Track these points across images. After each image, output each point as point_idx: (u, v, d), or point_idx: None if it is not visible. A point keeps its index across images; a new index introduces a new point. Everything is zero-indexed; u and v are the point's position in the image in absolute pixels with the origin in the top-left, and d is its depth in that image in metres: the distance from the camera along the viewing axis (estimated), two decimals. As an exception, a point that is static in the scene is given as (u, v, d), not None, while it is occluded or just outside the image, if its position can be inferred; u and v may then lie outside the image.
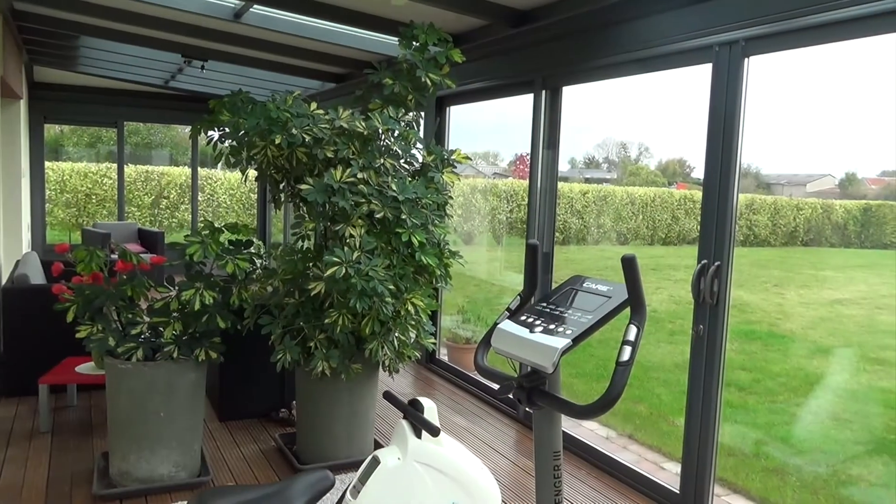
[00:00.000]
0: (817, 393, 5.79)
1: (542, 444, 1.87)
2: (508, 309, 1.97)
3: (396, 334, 3.55)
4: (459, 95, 5.38)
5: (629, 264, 1.68)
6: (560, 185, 12.40)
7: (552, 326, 1.75)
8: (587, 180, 16.58)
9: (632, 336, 1.64)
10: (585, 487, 3.68)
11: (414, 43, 3.72)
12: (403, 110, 3.65)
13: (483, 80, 4.95)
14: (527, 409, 1.83)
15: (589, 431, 4.69)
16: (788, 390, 5.81)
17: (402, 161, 3.62)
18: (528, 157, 4.62)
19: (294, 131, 3.31)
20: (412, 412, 2.50)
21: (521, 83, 4.63)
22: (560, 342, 1.68)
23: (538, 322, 1.79)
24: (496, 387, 1.90)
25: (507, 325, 1.83)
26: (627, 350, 1.62)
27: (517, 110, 4.58)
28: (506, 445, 4.20)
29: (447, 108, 5.56)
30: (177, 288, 3.39)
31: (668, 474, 3.98)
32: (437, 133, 5.53)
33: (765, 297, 8.67)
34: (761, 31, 3.13)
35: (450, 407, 4.82)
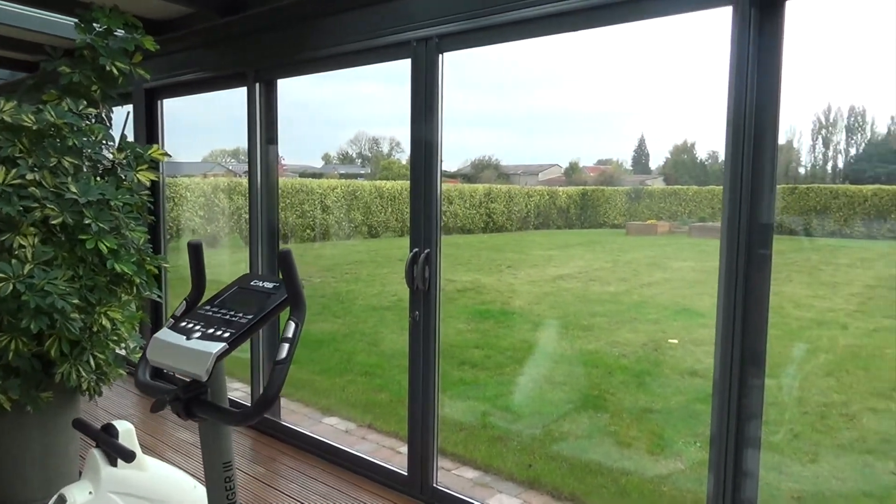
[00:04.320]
0: (537, 361, 6.42)
1: (210, 455, 1.76)
2: (174, 316, 1.82)
3: (94, 353, 3.18)
4: (172, 88, 4.99)
5: (284, 259, 1.62)
6: (309, 181, 12.19)
7: (211, 330, 1.64)
8: (342, 176, 16.63)
9: (290, 333, 1.59)
10: (319, 485, 3.64)
11: (95, 27, 3.34)
12: (86, 102, 3.26)
13: (195, 72, 4.64)
14: (191, 420, 1.70)
15: (329, 427, 4.68)
16: (514, 362, 6.37)
17: (89, 160, 3.24)
18: (280, 154, 4.47)
19: (-64, 126, 2.78)
20: (105, 438, 2.27)
21: (233, 75, 4.41)
22: (215, 346, 1.57)
23: (197, 327, 1.67)
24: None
25: (164, 334, 1.69)
26: (285, 347, 1.57)
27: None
28: (238, 456, 4.00)
29: (159, 102, 5.13)
30: None
31: (402, 458, 4.09)
32: (149, 128, 5.08)
33: (499, 278, 9.43)
34: (452, 29, 3.30)
35: (178, 423, 4.48)
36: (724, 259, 2.65)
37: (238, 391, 5.05)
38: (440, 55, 3.38)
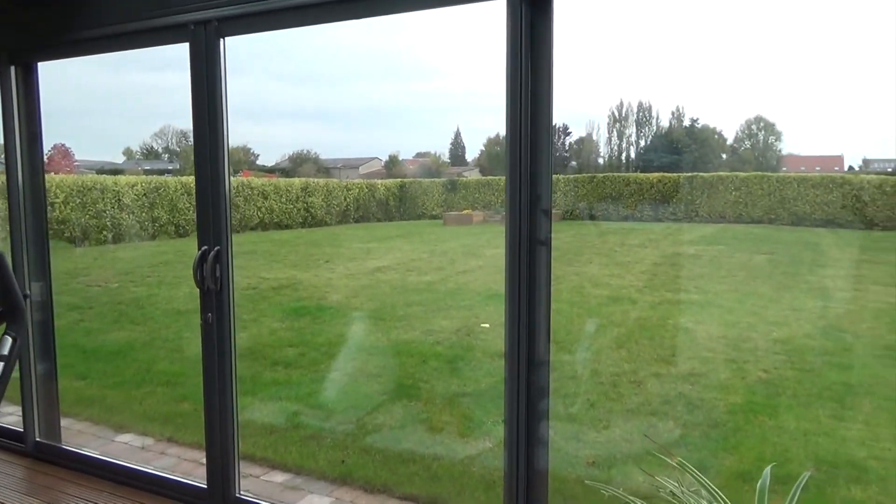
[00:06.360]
0: (353, 355, 6.38)
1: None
2: None
3: None
4: None
5: (-5, 263, 1.40)
6: (104, 178, 11.15)
7: None
8: (147, 172, 15.37)
9: (5, 350, 1.37)
10: (107, 511, 3.31)
11: None
12: None
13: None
14: None
15: (122, 446, 4.30)
16: (329, 358, 6.28)
17: None
18: (70, 149, 3.95)
19: None
20: None
21: (-19, 56, 3.85)
22: None
23: None
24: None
25: None
26: None
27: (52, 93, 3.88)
28: (7, 489, 3.53)
29: None
30: None
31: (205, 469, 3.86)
32: None
33: (317, 273, 9.25)
34: (232, 12, 3.13)
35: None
36: (508, 243, 2.74)
37: (12, 415, 4.46)
38: (221, 40, 3.19)
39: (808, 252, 9.05)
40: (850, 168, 9.48)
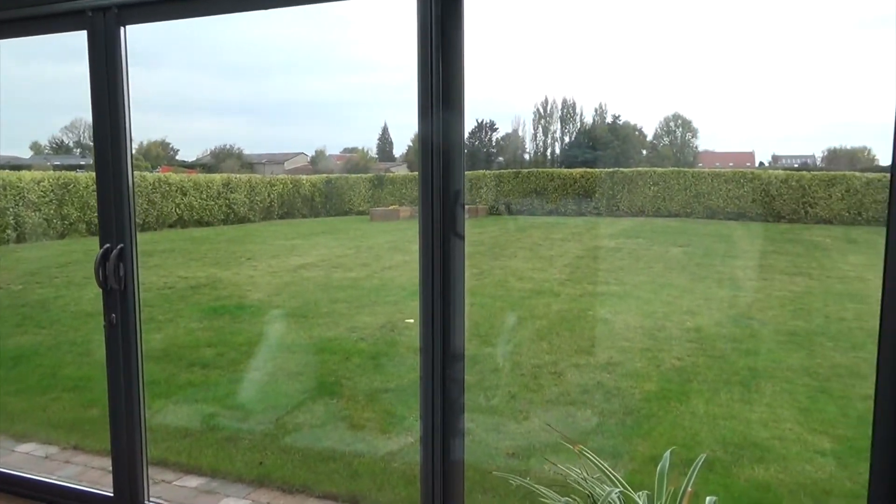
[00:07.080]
0: (273, 354, 6.27)
1: None
2: None
3: None
4: None
5: None
6: (7, 173, 10.54)
7: None
8: (57, 167, 14.61)
9: None
10: (3, 526, 3.13)
11: None
12: None
13: None
14: None
15: (23, 456, 4.07)
16: (249, 357, 6.14)
17: None
18: None
19: None
20: None
21: None
22: None
23: None
24: None
25: None
26: None
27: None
28: None
29: None
30: None
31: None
32: None
33: (237, 271, 9.03)
34: (134, -1, 2.99)
35: None
36: (422, 238, 2.74)
37: None
38: (121, 28, 3.05)
39: (721, 244, 9.46)
40: (761, 164, 9.95)
